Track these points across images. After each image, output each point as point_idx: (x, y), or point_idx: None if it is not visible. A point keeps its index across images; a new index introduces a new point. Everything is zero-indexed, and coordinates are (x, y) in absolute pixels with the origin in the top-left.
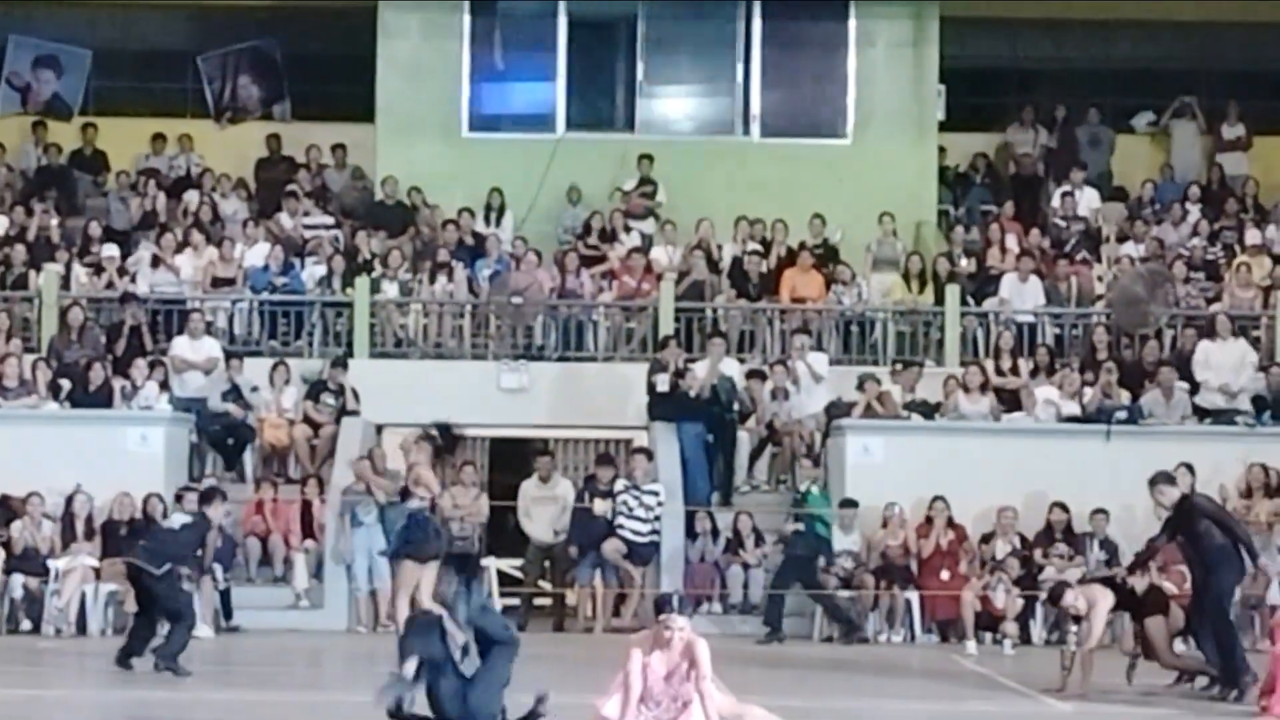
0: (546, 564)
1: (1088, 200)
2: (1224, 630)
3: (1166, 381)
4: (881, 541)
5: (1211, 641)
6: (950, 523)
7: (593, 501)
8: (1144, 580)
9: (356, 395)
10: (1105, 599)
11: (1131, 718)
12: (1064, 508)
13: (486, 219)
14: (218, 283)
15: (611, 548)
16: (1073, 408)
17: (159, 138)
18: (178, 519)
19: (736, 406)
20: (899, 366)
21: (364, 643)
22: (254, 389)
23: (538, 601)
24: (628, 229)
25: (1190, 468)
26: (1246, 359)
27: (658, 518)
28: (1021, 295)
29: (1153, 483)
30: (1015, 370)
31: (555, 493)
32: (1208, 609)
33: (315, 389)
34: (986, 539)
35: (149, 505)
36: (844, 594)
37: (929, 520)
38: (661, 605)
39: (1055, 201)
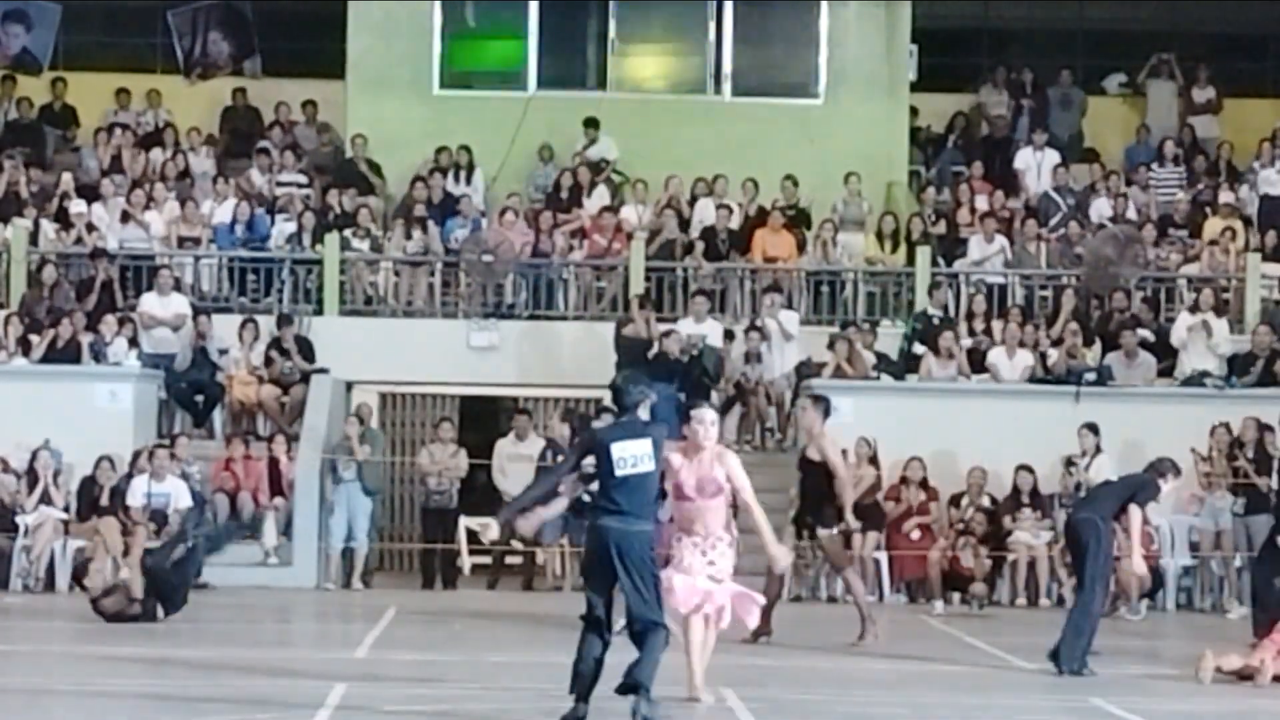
0: None
1: (1049, 162)
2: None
3: (1129, 344)
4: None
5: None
6: (924, 483)
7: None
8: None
9: (312, 350)
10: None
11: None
12: (1029, 470)
13: (455, 177)
14: (184, 240)
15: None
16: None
17: (123, 92)
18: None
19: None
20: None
21: (333, 599)
22: (222, 352)
23: (508, 560)
24: (594, 185)
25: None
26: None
27: None
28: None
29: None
30: (989, 332)
31: (531, 451)
32: None
33: (270, 349)
34: (955, 500)
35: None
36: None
37: (903, 480)
38: (693, 403)
39: (1019, 164)
